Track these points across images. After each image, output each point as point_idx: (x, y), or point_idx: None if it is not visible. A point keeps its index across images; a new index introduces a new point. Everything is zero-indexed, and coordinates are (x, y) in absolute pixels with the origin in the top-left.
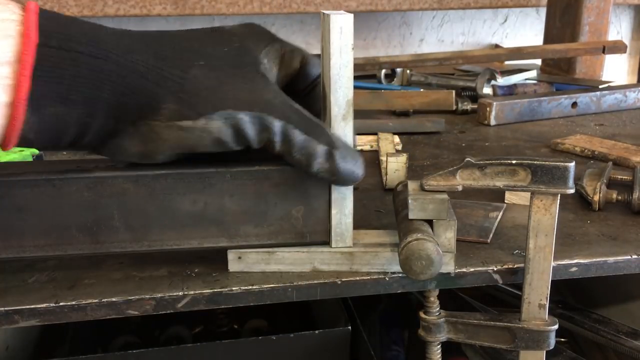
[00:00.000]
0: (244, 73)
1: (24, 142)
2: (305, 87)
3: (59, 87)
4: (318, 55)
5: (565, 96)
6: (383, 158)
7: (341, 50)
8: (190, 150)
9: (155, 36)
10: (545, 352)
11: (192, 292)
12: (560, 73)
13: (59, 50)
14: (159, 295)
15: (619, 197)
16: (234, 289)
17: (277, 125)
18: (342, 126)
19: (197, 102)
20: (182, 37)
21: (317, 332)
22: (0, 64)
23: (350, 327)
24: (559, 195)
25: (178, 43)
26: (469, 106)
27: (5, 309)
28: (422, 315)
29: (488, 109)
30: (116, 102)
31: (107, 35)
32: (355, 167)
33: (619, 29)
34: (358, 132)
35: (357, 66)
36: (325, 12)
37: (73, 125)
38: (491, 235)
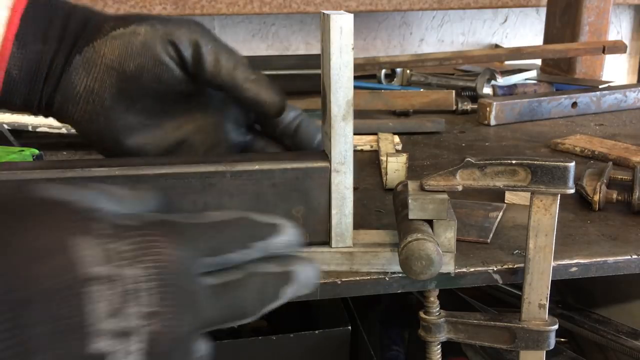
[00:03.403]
0: None
1: (7, 83)
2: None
3: (42, 26)
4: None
5: (565, 96)
6: (383, 158)
7: (341, 50)
8: (132, 73)
9: None
10: (545, 352)
11: None
12: (560, 73)
13: None
14: None
15: (619, 197)
16: None
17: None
18: (342, 126)
19: (129, 17)
20: None
21: (317, 332)
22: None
23: (350, 327)
24: (559, 195)
25: None
26: (469, 106)
27: None
28: (422, 315)
29: (488, 109)
30: (75, 34)
31: None
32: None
33: (619, 29)
34: (358, 132)
35: (357, 66)
36: (325, 12)
37: (47, 63)
38: (491, 235)
